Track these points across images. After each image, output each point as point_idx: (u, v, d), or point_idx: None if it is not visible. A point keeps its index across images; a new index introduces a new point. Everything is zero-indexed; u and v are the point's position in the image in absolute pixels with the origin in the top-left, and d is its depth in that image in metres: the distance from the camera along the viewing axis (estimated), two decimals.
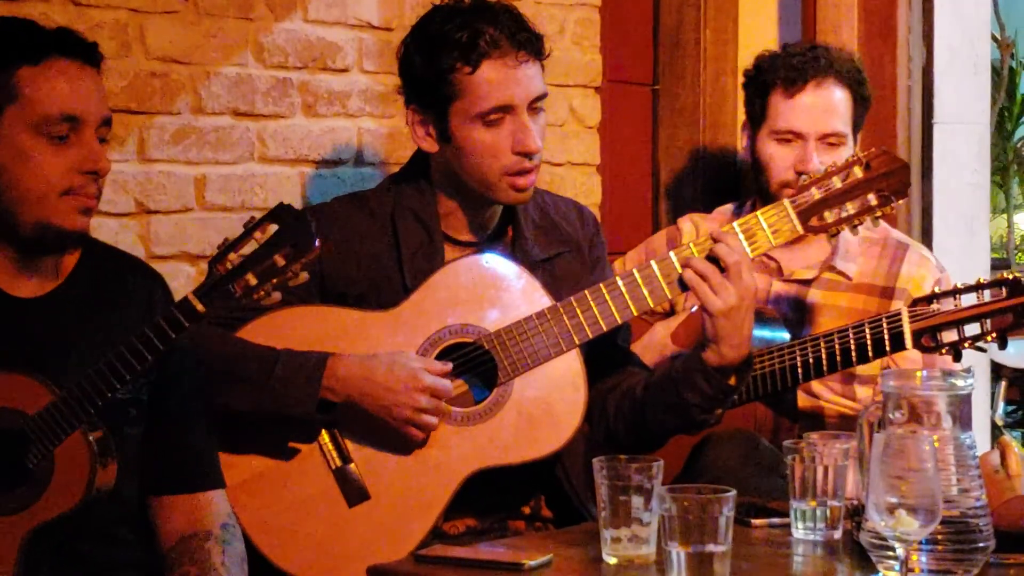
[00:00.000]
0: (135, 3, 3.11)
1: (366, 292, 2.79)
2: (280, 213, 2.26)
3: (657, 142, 4.14)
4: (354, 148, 3.51)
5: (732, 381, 2.76)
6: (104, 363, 2.27)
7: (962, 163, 4.19)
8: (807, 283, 3.27)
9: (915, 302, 2.88)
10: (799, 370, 2.97)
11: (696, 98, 4.07)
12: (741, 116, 3.49)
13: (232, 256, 2.25)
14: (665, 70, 4.13)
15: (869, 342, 2.89)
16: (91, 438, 2.30)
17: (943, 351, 2.82)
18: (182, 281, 3.16)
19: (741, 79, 3.43)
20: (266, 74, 3.34)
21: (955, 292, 2.81)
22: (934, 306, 2.83)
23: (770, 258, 3.30)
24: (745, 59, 4.05)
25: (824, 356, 2.94)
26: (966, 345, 2.80)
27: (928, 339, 2.83)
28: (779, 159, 3.25)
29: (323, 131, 3.45)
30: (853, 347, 2.90)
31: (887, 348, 2.87)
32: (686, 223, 3.46)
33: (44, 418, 2.27)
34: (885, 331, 2.87)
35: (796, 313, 3.25)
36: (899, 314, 2.86)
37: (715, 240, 2.69)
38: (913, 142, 4.14)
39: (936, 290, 2.94)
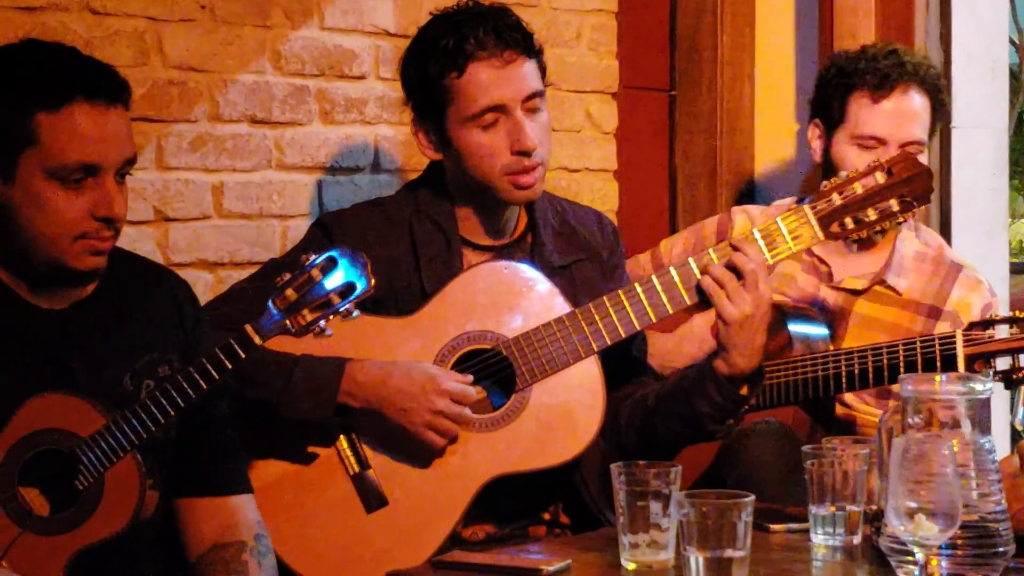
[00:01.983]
0: (153, 11, 3.13)
1: (384, 297, 2.79)
2: (337, 253, 2.34)
3: (674, 148, 4.14)
4: (371, 155, 3.51)
5: (744, 391, 2.76)
6: (159, 389, 2.29)
7: (980, 167, 4.18)
8: (856, 293, 3.24)
9: (971, 326, 2.86)
10: (843, 380, 2.95)
11: (713, 104, 4.07)
12: (758, 121, 3.48)
13: (289, 292, 2.32)
14: (682, 76, 4.12)
15: (920, 361, 2.86)
16: (140, 462, 2.31)
17: (995, 378, 2.80)
18: (200, 289, 3.16)
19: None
20: (283, 81, 3.34)
21: (1013, 320, 2.79)
22: (989, 332, 2.81)
23: (821, 261, 3.28)
24: (762, 65, 4.05)
25: (871, 369, 2.92)
26: (1019, 375, 2.78)
27: (981, 364, 2.81)
28: (860, 165, 3.17)
29: (340, 138, 3.45)
30: (902, 364, 2.88)
31: (938, 369, 2.85)
32: (739, 215, 3.40)
33: (96, 441, 2.28)
34: (937, 352, 2.84)
35: (840, 320, 3.23)
36: (953, 337, 2.84)
37: (734, 247, 2.68)
38: (931, 146, 4.13)
39: (991, 315, 2.92)
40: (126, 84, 2.35)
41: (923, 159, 3.18)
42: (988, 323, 2.83)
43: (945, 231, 4.06)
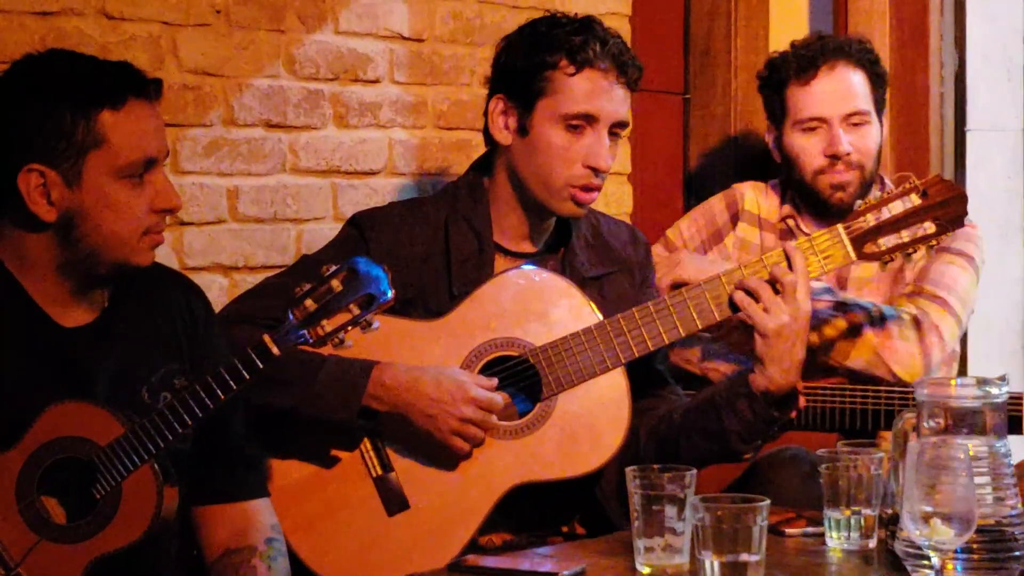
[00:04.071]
0: (168, 16, 3.13)
1: (413, 298, 2.79)
2: (356, 263, 2.32)
3: (688, 151, 4.14)
4: (385, 158, 3.51)
5: (775, 413, 2.75)
6: (177, 399, 2.29)
7: (996, 170, 4.18)
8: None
9: None
10: (882, 418, 2.96)
11: (727, 107, 4.07)
12: None
13: (308, 302, 2.31)
14: (696, 79, 4.12)
15: None
16: (158, 470, 2.31)
17: None
18: (215, 293, 3.17)
19: (756, 83, 3.43)
20: (298, 85, 3.35)
21: None
22: None
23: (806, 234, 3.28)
24: None
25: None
26: None
27: None
28: (808, 148, 3.26)
29: (355, 142, 3.46)
30: None
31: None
32: (747, 191, 3.43)
33: (114, 450, 2.28)
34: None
35: (839, 287, 3.25)
36: (1020, 397, 2.84)
37: (786, 253, 2.69)
38: (946, 149, 4.13)
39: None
40: (160, 79, 2.39)
41: (874, 130, 3.25)
42: None
43: None
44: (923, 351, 3.07)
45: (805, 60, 3.26)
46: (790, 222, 3.33)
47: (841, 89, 3.25)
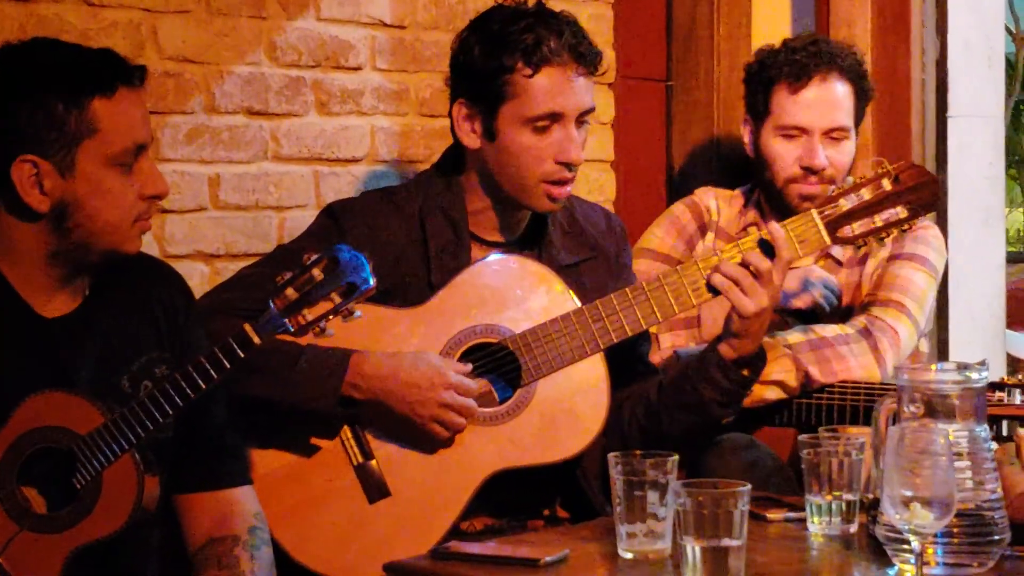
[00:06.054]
0: (148, 3, 3.12)
1: (391, 288, 2.78)
2: (338, 251, 2.31)
3: (671, 138, 4.13)
4: (367, 146, 3.51)
5: (746, 373, 2.77)
6: (157, 389, 2.29)
7: (977, 156, 4.18)
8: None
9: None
10: (860, 413, 2.97)
11: (710, 94, 4.07)
12: None
13: (289, 291, 2.30)
14: (678, 66, 4.12)
15: None
16: (139, 460, 2.31)
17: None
18: (196, 280, 3.16)
19: (742, 74, 3.42)
20: (279, 73, 3.34)
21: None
22: (999, 395, 2.80)
23: None
24: None
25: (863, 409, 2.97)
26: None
27: None
28: (785, 155, 3.25)
29: (337, 129, 3.45)
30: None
31: None
32: (711, 201, 3.43)
33: (94, 439, 2.28)
34: None
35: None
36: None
37: (771, 235, 2.70)
38: (928, 135, 4.13)
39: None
40: (145, 66, 2.39)
41: (851, 145, 3.27)
42: (1000, 386, 2.82)
43: (942, 220, 4.06)
44: (877, 358, 3.09)
45: (798, 65, 3.25)
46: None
47: (829, 102, 3.25)
